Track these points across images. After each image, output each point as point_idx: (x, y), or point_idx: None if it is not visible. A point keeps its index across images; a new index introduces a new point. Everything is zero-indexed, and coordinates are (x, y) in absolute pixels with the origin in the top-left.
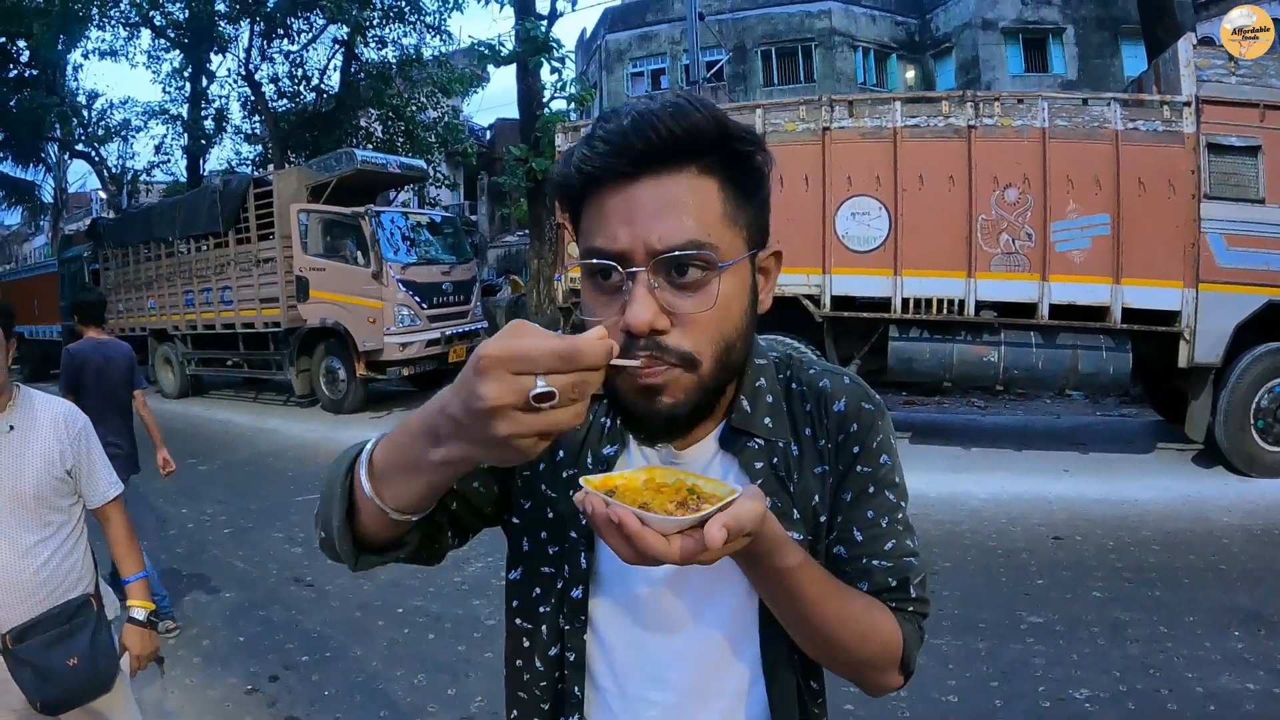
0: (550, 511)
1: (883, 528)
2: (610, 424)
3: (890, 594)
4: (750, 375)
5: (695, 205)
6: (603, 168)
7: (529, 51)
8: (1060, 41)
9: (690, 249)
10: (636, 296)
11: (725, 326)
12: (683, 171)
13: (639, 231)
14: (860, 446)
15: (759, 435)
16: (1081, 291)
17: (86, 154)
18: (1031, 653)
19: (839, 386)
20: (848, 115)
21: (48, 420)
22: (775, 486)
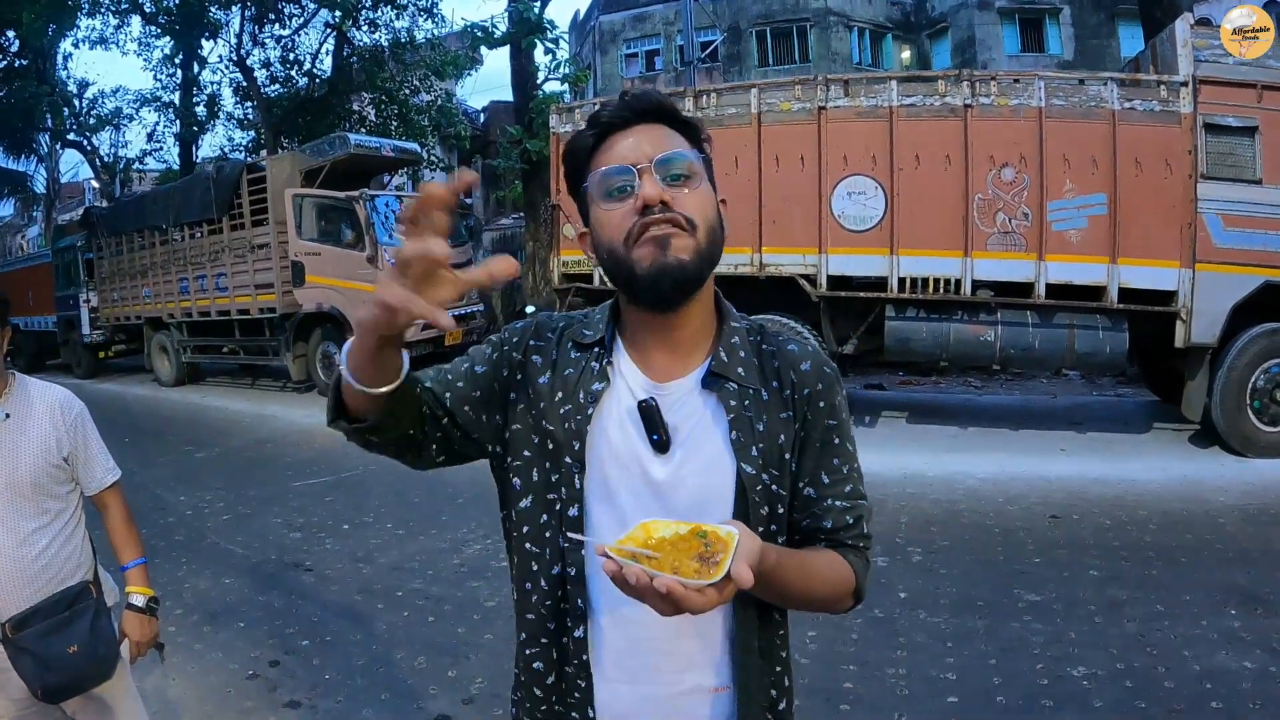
0: (550, 442)
1: (844, 474)
2: (599, 366)
3: (847, 530)
4: (727, 332)
5: (676, 136)
6: (610, 120)
7: (522, 33)
8: (1057, 21)
9: (678, 153)
10: (646, 183)
11: (708, 211)
12: (662, 124)
13: (643, 150)
14: (825, 402)
15: (735, 380)
16: (1078, 271)
17: (78, 143)
18: (1029, 631)
19: (805, 350)
20: (843, 95)
21: (44, 407)
22: (744, 423)
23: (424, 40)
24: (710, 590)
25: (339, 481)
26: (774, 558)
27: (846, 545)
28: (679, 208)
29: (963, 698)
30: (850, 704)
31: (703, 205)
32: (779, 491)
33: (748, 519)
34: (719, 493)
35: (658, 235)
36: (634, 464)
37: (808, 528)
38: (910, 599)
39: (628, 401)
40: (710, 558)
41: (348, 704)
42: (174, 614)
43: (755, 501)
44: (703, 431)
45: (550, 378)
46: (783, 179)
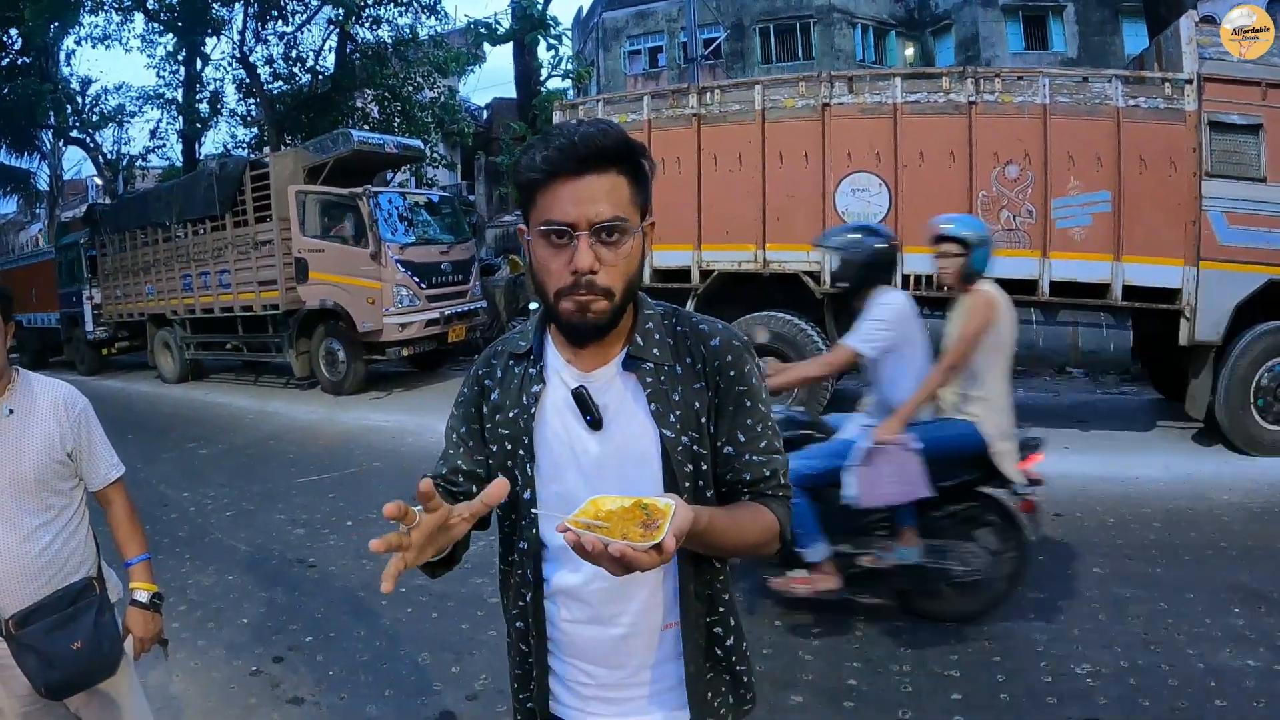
0: (508, 444)
1: (758, 432)
2: (535, 371)
3: (765, 482)
4: (641, 320)
5: (617, 194)
6: (559, 166)
7: (525, 29)
8: (1060, 19)
9: (616, 221)
10: (581, 250)
11: (630, 270)
12: (608, 172)
13: (584, 210)
14: (735, 371)
15: (650, 360)
16: (1082, 269)
17: (81, 140)
18: (1033, 628)
19: (714, 328)
20: (848, 91)
21: (47, 403)
22: (661, 396)
23: (427, 37)
24: (653, 551)
25: (342, 478)
26: (706, 519)
27: (767, 495)
28: (604, 278)
29: (967, 694)
30: (855, 701)
31: (627, 268)
32: (700, 451)
33: (674, 478)
34: (647, 457)
35: (581, 301)
36: (576, 444)
37: (730, 481)
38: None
39: (563, 393)
40: (651, 523)
41: (351, 700)
42: (177, 610)
43: (678, 461)
44: (627, 407)
45: (499, 393)
46: (786, 176)
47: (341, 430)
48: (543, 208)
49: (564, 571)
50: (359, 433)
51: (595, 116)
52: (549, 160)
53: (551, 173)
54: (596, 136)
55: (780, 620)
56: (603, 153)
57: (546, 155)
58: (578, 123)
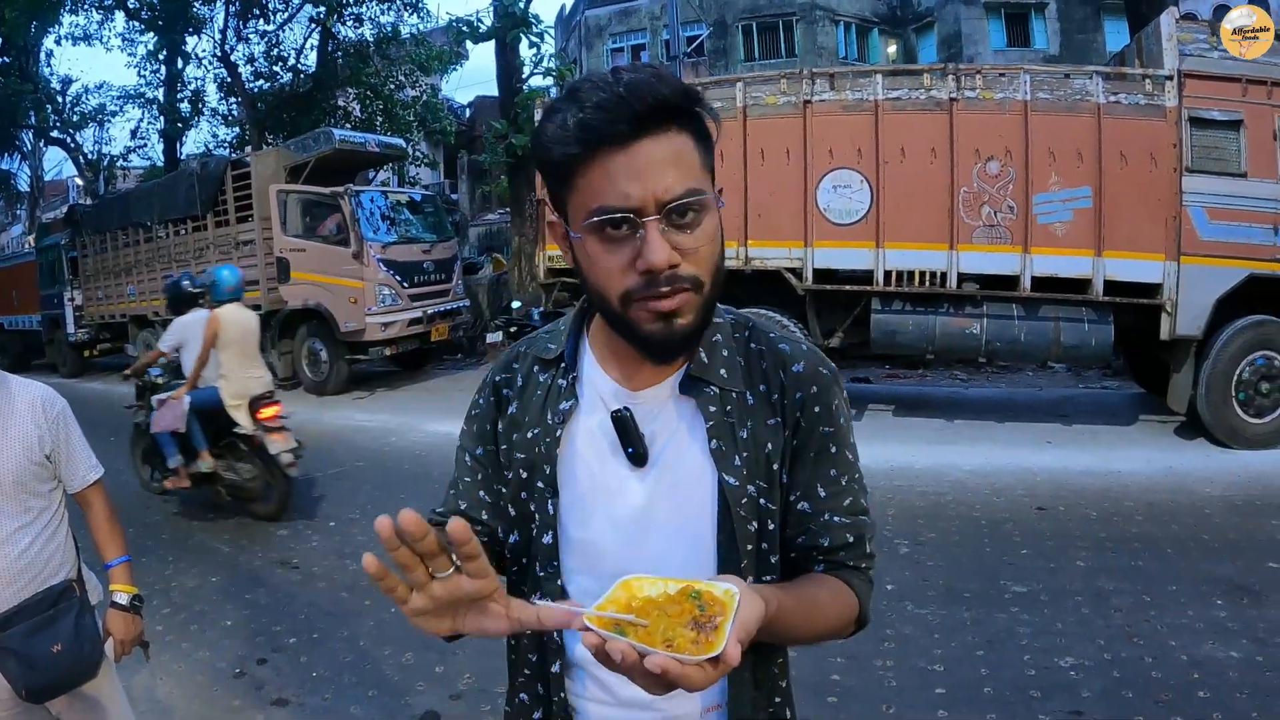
0: (524, 470)
1: (843, 486)
2: (566, 383)
3: (848, 550)
4: (709, 330)
5: (685, 158)
6: (605, 132)
7: (507, 27)
8: (1043, 16)
9: (690, 196)
10: (653, 241)
11: (716, 254)
12: (669, 131)
13: (648, 186)
14: (821, 406)
15: (715, 383)
16: (1063, 264)
17: (62, 140)
18: (1016, 622)
19: (798, 351)
20: (829, 88)
21: (25, 404)
22: (725, 430)
23: (409, 35)
24: (708, 665)
25: (325, 479)
26: (775, 606)
27: (847, 567)
28: (687, 267)
29: (950, 689)
30: (838, 696)
31: (712, 250)
32: (767, 505)
33: (733, 537)
34: (701, 508)
35: (666, 307)
36: (611, 482)
37: (803, 545)
38: (898, 591)
39: (600, 415)
40: (707, 623)
41: (335, 700)
42: (161, 613)
43: (741, 516)
44: (680, 441)
45: (518, 405)
46: (768, 172)
47: (325, 430)
48: (587, 191)
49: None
50: (342, 433)
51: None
52: (588, 125)
53: (593, 141)
54: (651, 84)
55: None
56: (661, 105)
57: (583, 119)
58: (612, 71)
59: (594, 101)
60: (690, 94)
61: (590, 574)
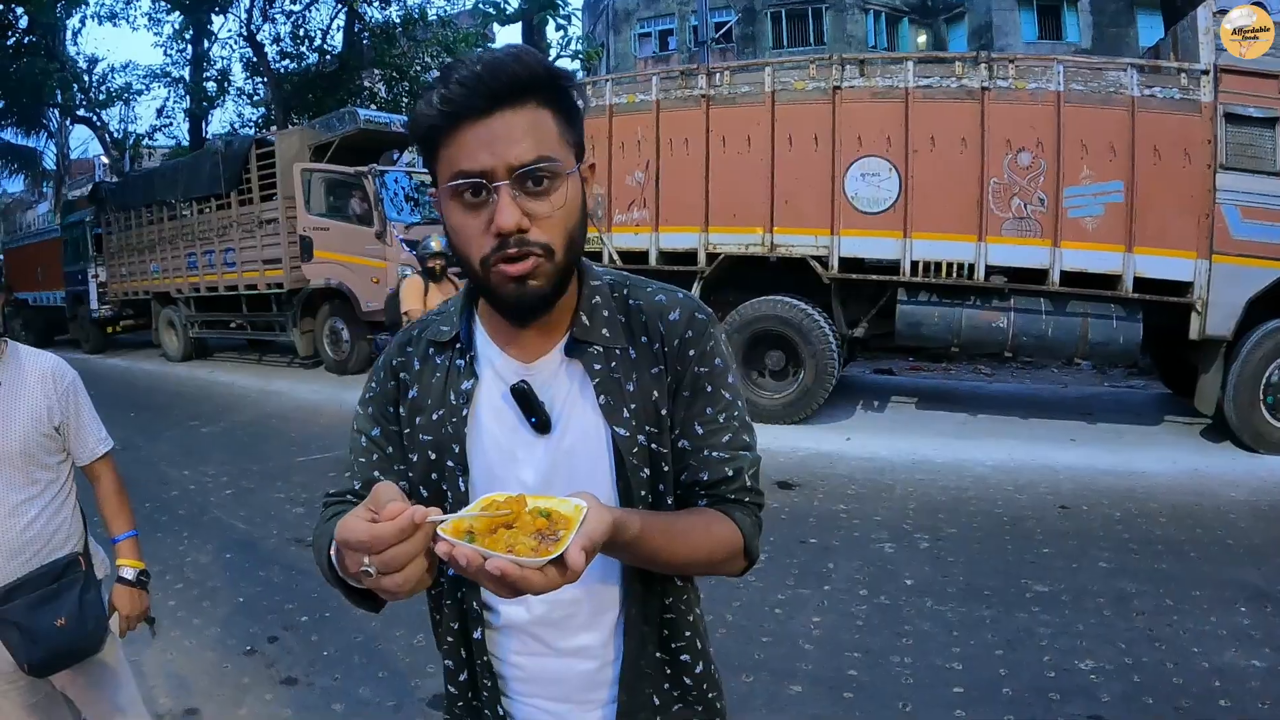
0: (432, 452)
1: (719, 423)
2: (464, 363)
3: (727, 484)
4: (587, 294)
5: (540, 129)
6: (463, 105)
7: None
8: (1075, 9)
9: (541, 162)
10: (503, 205)
11: (570, 222)
12: (526, 105)
13: (499, 153)
14: (695, 350)
15: (598, 343)
16: (1093, 259)
17: (88, 119)
18: (1037, 622)
19: (673, 299)
20: (859, 75)
21: (35, 375)
22: (611, 386)
23: (436, 17)
24: (551, 569)
25: (343, 458)
26: (636, 528)
27: (729, 500)
28: (538, 233)
29: (968, 688)
30: (854, 692)
31: (564, 218)
32: (659, 449)
33: (629, 485)
34: (597, 462)
35: (514, 269)
36: (520, 450)
37: (685, 481)
38: (917, 586)
39: (500, 388)
40: (551, 534)
41: (345, 681)
42: (174, 588)
43: (634, 465)
44: (574, 404)
45: (418, 389)
46: (795, 159)
47: (344, 410)
48: (448, 159)
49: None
50: None
51: (596, 90)
52: (448, 99)
53: (453, 114)
54: (506, 62)
55: (780, 609)
56: (515, 81)
57: (444, 94)
58: (482, 54)
59: (455, 78)
60: (548, 71)
61: None
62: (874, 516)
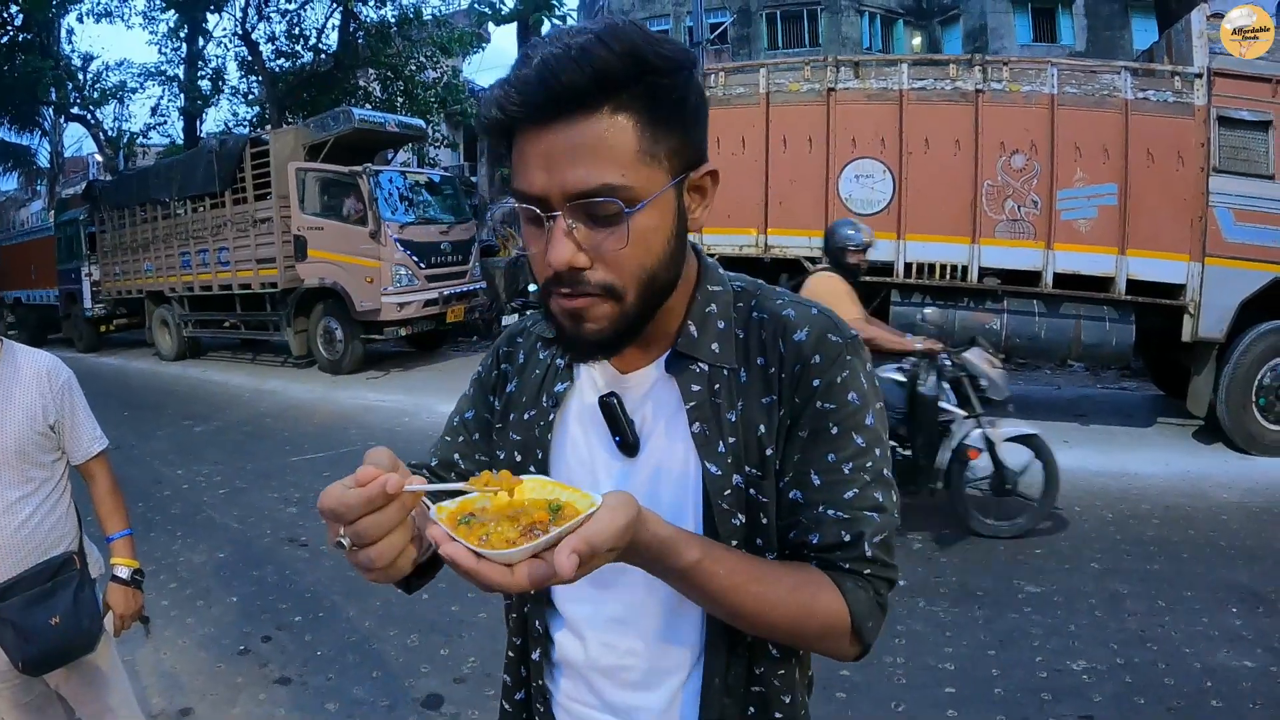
0: (518, 453)
1: (844, 474)
2: (564, 363)
3: (842, 551)
4: (700, 301)
5: (608, 147)
6: (519, 116)
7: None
8: (1070, 12)
9: (602, 194)
10: (555, 239)
11: (646, 259)
12: (596, 113)
13: (555, 177)
14: (821, 380)
15: (703, 360)
16: (1086, 261)
17: (82, 117)
18: (1029, 622)
19: (804, 315)
20: (853, 76)
21: (30, 373)
22: (709, 413)
23: (431, 17)
24: (522, 567)
25: (337, 457)
26: (694, 555)
27: (843, 570)
28: (601, 272)
29: (960, 688)
30: (847, 692)
31: (638, 255)
32: (759, 497)
33: (715, 534)
34: (684, 499)
35: (569, 306)
36: (600, 469)
37: (793, 540)
38: (910, 586)
39: (591, 398)
40: (543, 530)
41: (339, 681)
42: (168, 587)
43: (724, 510)
44: (666, 426)
45: (518, 383)
46: (790, 160)
47: (338, 409)
48: (514, 168)
49: (568, 632)
50: (355, 412)
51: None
52: (502, 102)
53: (513, 120)
54: (564, 63)
55: None
56: (578, 83)
57: (503, 96)
58: (562, 34)
59: (515, 75)
60: (631, 64)
61: None
62: None
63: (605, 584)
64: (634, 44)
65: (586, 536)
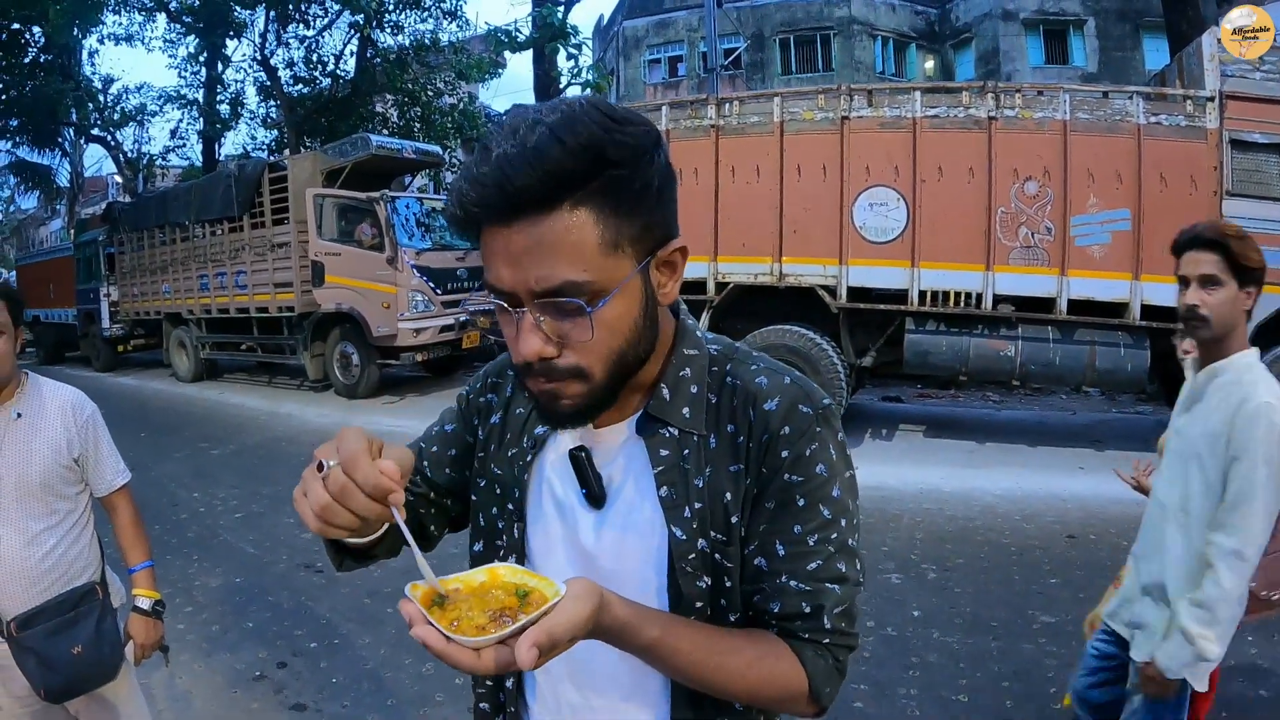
0: (497, 487)
1: (808, 546)
2: None
3: (803, 621)
4: (675, 365)
5: (569, 245)
6: (480, 212)
7: (546, 37)
8: (1081, 33)
9: (565, 291)
10: (523, 333)
11: (614, 342)
12: (555, 210)
13: (519, 274)
14: (790, 451)
15: (673, 424)
16: (1101, 287)
17: (102, 138)
18: (1044, 653)
19: (776, 385)
20: (867, 104)
21: (55, 407)
22: (676, 477)
23: (448, 43)
24: (490, 653)
25: None
26: (654, 633)
27: (803, 639)
28: (570, 357)
29: None
30: None
31: (606, 339)
32: (723, 563)
33: (679, 593)
34: (648, 560)
35: (539, 390)
36: (568, 518)
37: (757, 606)
38: (924, 617)
39: (565, 447)
40: (509, 616)
41: (354, 709)
42: (184, 611)
43: (688, 573)
44: (634, 487)
45: (501, 417)
46: (804, 189)
47: None
48: (484, 260)
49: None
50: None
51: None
52: (464, 201)
53: (472, 217)
54: (520, 165)
55: None
56: (536, 185)
57: (463, 193)
58: (519, 125)
59: (472, 174)
60: (587, 160)
61: None
62: (881, 546)
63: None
64: (591, 138)
65: (548, 629)
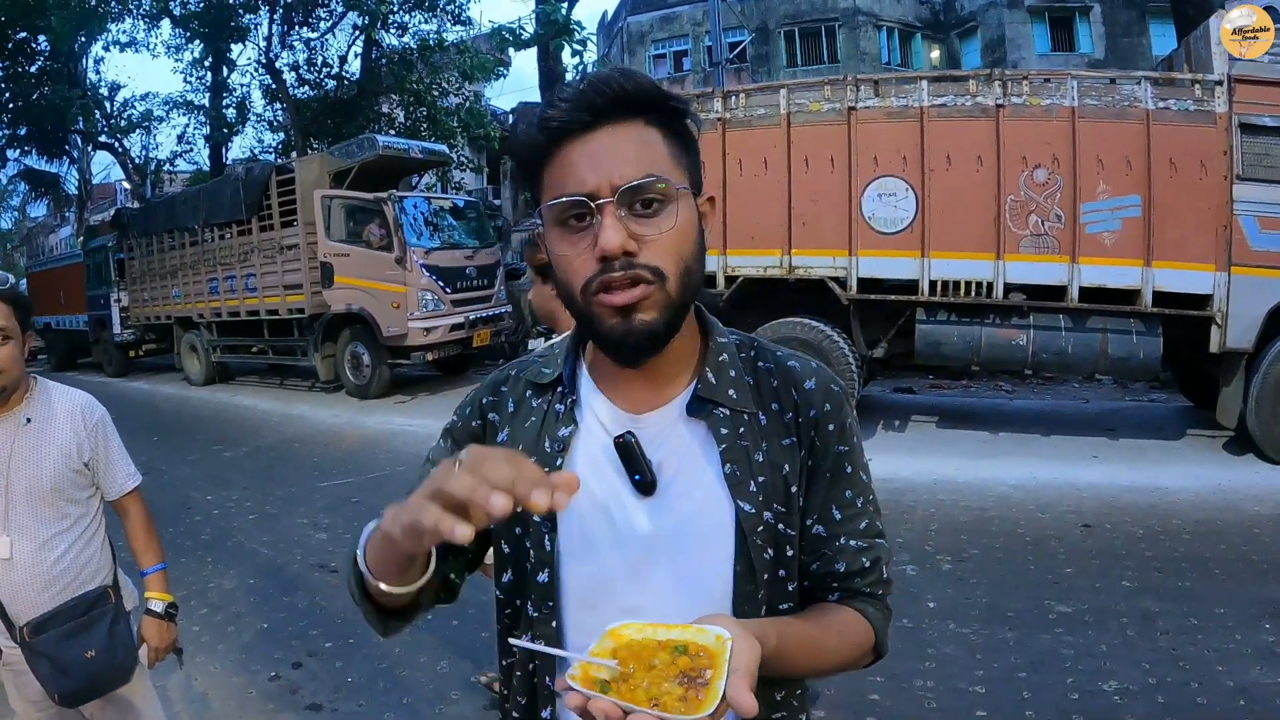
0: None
1: (858, 508)
2: (564, 408)
3: (863, 576)
4: (714, 349)
5: (647, 147)
6: (567, 122)
7: (550, 34)
8: (1087, 20)
9: (648, 179)
10: (606, 225)
11: (684, 248)
12: (632, 122)
13: (603, 172)
14: (835, 425)
15: (725, 405)
16: (1112, 274)
17: (110, 145)
18: (1060, 643)
19: (808, 368)
20: (873, 95)
21: (65, 412)
22: (739, 454)
23: (452, 43)
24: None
25: (365, 482)
26: (774, 641)
27: (864, 594)
28: (646, 255)
29: (992, 711)
30: (877, 716)
31: (677, 242)
32: (786, 532)
33: (751, 567)
34: (716, 538)
35: (620, 300)
36: (618, 512)
37: (818, 571)
38: (939, 609)
39: (602, 440)
40: (697, 677)
41: (370, 708)
42: (198, 613)
43: (757, 545)
44: (692, 467)
45: (509, 433)
46: (812, 180)
47: (365, 434)
48: (550, 182)
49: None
50: (383, 436)
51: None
52: (549, 116)
53: (556, 132)
54: (612, 79)
55: None
56: (621, 97)
57: (546, 114)
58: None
59: (562, 96)
60: (657, 90)
61: (595, 609)
62: (896, 538)
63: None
64: (654, 82)
65: (746, 670)
